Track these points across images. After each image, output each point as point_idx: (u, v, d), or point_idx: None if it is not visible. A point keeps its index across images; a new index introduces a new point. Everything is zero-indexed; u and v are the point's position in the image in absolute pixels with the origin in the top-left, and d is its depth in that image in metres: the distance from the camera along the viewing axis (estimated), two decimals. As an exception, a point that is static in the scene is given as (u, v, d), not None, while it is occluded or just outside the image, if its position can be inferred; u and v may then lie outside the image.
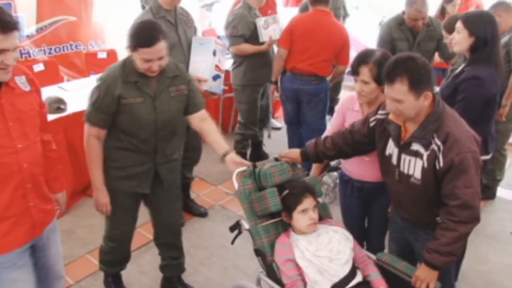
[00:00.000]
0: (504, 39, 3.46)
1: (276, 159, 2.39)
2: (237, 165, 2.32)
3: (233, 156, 2.35)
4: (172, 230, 2.75)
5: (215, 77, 3.31)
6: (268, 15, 4.08)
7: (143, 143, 2.37)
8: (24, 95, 1.87)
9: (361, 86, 2.33)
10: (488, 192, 3.99)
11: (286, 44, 3.89)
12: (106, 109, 2.28)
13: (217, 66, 3.30)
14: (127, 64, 2.30)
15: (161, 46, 2.20)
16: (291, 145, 4.33)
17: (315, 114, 4.02)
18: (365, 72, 2.29)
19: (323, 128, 3.77)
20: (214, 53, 3.26)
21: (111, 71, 2.32)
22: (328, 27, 3.81)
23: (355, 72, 2.34)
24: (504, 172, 4.07)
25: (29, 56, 4.87)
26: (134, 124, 2.32)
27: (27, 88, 1.89)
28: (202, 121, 2.51)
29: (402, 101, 1.88)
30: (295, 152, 2.41)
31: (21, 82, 1.88)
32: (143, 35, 2.19)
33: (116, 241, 2.65)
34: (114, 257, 2.72)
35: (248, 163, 2.34)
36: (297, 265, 2.05)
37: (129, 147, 2.38)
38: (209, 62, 3.24)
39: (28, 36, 4.83)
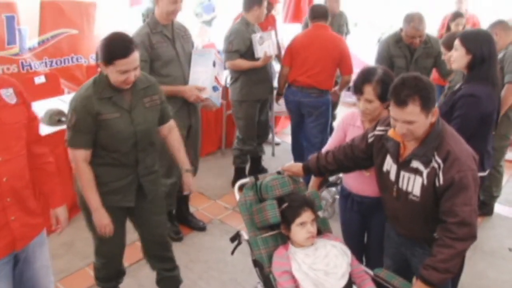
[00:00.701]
0: (499, 56, 3.50)
1: (279, 173, 2.42)
2: (188, 185, 2.59)
3: (187, 177, 2.58)
4: (160, 242, 2.73)
5: (215, 88, 3.33)
6: (268, 31, 4.11)
7: (124, 157, 2.38)
8: (9, 108, 1.84)
9: (365, 105, 2.34)
10: (486, 209, 4.01)
11: (287, 62, 4.04)
12: (88, 129, 2.27)
13: (216, 78, 3.33)
14: (99, 81, 2.30)
15: (136, 56, 2.22)
16: (294, 151, 4.45)
17: (315, 127, 4.07)
18: (369, 91, 2.31)
19: (324, 142, 3.81)
20: (214, 64, 3.29)
21: (82, 91, 2.31)
22: (324, 39, 3.92)
23: (358, 91, 2.36)
24: (501, 188, 4.09)
25: (31, 68, 4.88)
26: (114, 139, 2.32)
27: (13, 100, 1.86)
28: (170, 131, 2.60)
29: (415, 122, 1.87)
30: (297, 166, 2.43)
31: (7, 94, 1.85)
32: (118, 47, 2.20)
33: (106, 257, 2.64)
34: (107, 272, 2.71)
35: (194, 188, 2.62)
36: (293, 277, 2.06)
37: (110, 162, 2.38)
38: (209, 73, 3.26)
39: (30, 49, 4.86)
